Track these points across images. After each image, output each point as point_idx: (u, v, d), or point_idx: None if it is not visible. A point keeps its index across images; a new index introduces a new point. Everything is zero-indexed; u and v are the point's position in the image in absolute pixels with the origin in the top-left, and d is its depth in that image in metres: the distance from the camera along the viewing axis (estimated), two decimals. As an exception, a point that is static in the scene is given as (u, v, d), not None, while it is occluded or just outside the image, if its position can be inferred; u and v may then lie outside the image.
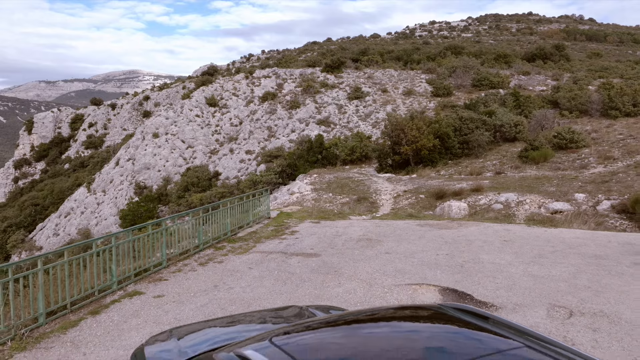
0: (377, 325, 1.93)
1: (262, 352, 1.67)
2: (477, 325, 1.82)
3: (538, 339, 1.72)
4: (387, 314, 2.10)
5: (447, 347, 1.64)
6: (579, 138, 22.41)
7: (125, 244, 7.13)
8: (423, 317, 1.99)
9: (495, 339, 1.67)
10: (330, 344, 1.77)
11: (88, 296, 6.36)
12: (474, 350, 1.59)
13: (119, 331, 5.43)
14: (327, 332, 1.91)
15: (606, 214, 12.99)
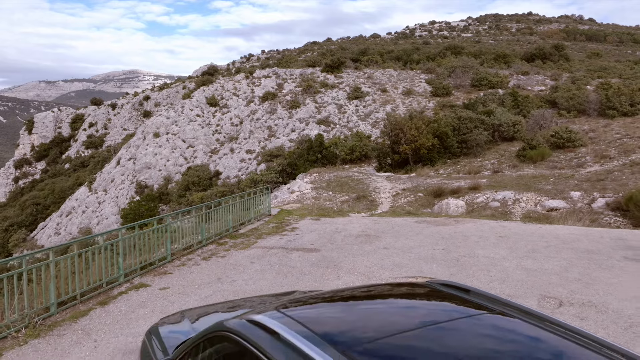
0: (374, 297, 2.21)
1: (270, 316, 1.91)
2: (458, 296, 2.07)
3: (510, 305, 1.96)
4: (383, 290, 2.35)
5: (433, 311, 1.91)
6: (576, 137, 22.64)
7: (131, 239, 7.37)
8: (412, 290, 2.25)
9: (469, 305, 1.92)
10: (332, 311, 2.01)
11: (96, 288, 6.60)
12: (453, 314, 1.84)
13: (127, 320, 5.67)
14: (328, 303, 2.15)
15: (601, 211, 13.23)
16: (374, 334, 1.71)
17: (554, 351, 1.62)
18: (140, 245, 7.50)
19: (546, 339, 1.68)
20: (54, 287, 5.74)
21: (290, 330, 1.72)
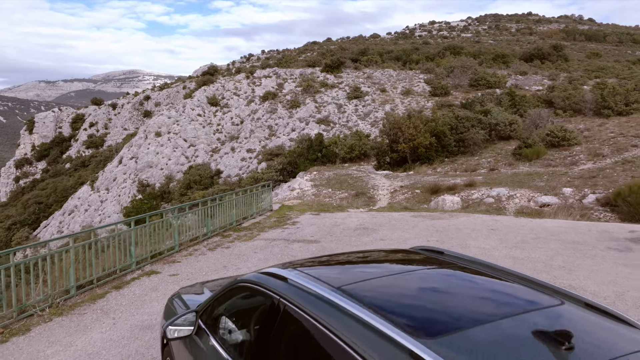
0: (365, 258, 2.71)
1: (278, 269, 2.37)
2: (434, 257, 2.55)
3: (470, 261, 2.43)
4: (373, 253, 2.84)
5: (404, 264, 2.42)
6: (571, 136, 23.10)
7: (142, 229, 7.82)
8: (396, 253, 2.73)
9: (432, 261, 2.42)
10: (327, 266, 2.47)
11: (110, 274, 7.06)
12: (415, 267, 2.36)
13: (141, 302, 6.13)
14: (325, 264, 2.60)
15: (591, 206, 13.68)
16: (357, 278, 2.20)
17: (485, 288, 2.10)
18: (153, 234, 7.95)
19: (486, 282, 2.15)
20: (73, 271, 6.20)
21: (294, 275, 2.19)
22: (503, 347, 1.56)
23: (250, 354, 2.22)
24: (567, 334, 1.50)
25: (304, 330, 1.90)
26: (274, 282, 2.25)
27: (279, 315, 2.08)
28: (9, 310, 5.38)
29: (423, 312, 1.83)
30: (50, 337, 5.05)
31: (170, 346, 3.18)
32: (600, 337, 1.66)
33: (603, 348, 1.57)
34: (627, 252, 8.20)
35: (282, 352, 2.02)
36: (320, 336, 1.79)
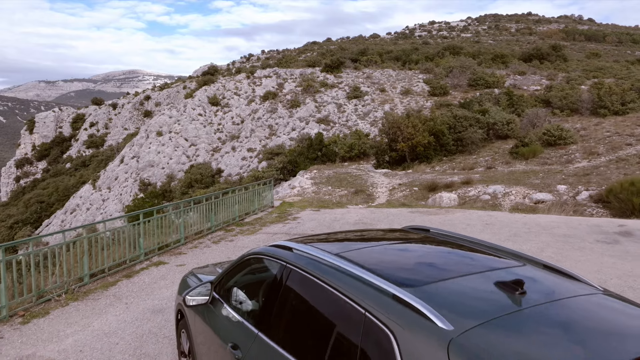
0: (361, 235, 3.07)
1: (285, 242, 2.72)
2: (421, 233, 2.91)
3: (458, 237, 2.79)
4: (370, 232, 3.20)
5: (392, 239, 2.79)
6: (567, 135, 23.44)
7: (150, 222, 8.18)
8: (390, 231, 3.10)
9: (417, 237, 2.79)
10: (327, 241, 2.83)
11: (120, 264, 7.41)
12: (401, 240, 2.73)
13: (151, 289, 6.48)
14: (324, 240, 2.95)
15: (584, 203, 14.04)
16: (352, 248, 2.57)
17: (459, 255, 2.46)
18: (159, 227, 8.30)
19: (462, 251, 2.50)
20: (87, 260, 6.55)
21: (298, 246, 2.55)
22: (467, 292, 1.92)
23: (261, 314, 2.58)
24: (521, 282, 1.85)
25: (308, 288, 2.26)
26: (281, 252, 2.62)
27: (286, 279, 2.44)
28: (29, 295, 5.73)
29: (405, 271, 2.18)
30: (69, 319, 5.40)
31: (186, 318, 3.53)
32: (548, 286, 2.02)
33: (548, 293, 1.93)
34: (614, 244, 8.55)
35: (288, 309, 2.38)
36: (321, 290, 2.14)
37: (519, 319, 1.68)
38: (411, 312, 1.72)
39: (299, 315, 2.32)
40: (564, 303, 1.84)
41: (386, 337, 1.71)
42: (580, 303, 1.86)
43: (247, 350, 2.49)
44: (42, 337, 4.93)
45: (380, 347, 1.72)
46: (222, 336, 2.84)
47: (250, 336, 2.54)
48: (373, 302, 1.86)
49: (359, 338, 1.83)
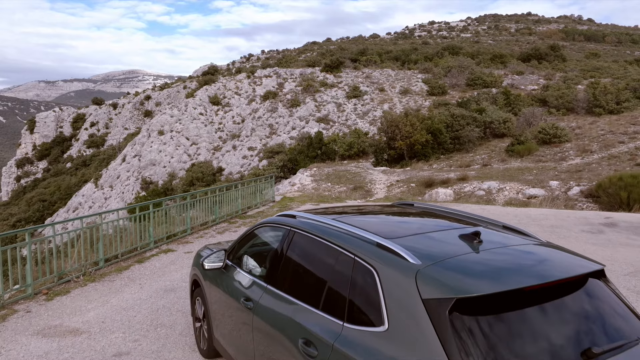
0: (359, 209, 3.55)
1: (291, 212, 3.19)
2: (406, 206, 3.39)
3: (438, 208, 3.26)
4: (366, 207, 3.68)
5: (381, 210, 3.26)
6: (562, 133, 23.92)
7: (159, 212, 8.64)
8: (381, 205, 3.58)
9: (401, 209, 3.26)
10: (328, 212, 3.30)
11: (132, 251, 7.88)
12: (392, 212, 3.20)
13: (162, 272, 6.95)
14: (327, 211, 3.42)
15: (575, 198, 14.52)
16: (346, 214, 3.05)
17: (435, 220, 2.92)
18: (167, 218, 8.77)
19: (437, 218, 2.97)
20: (102, 245, 7.02)
21: (301, 214, 3.03)
22: (435, 241, 2.39)
23: (269, 271, 3.05)
24: (478, 233, 2.33)
25: (309, 245, 2.75)
26: (286, 219, 3.10)
27: (290, 240, 2.91)
28: (51, 275, 6.20)
29: (388, 229, 2.65)
30: (88, 297, 5.87)
31: (202, 285, 4.00)
32: (500, 238, 2.49)
33: (500, 242, 2.41)
34: (598, 234, 9.03)
35: (292, 264, 2.85)
36: (320, 245, 2.62)
37: (471, 258, 2.16)
38: (389, 254, 2.19)
39: (301, 266, 2.80)
40: (507, 248, 2.34)
41: (370, 273, 2.19)
42: (517, 248, 2.37)
43: (258, 301, 2.96)
44: (66, 311, 5.39)
45: (366, 281, 2.20)
46: (235, 294, 3.31)
47: (260, 289, 3.01)
48: (360, 249, 2.34)
49: (350, 276, 2.30)
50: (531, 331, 1.88)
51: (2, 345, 4.49)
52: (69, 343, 4.51)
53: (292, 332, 2.51)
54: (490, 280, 1.96)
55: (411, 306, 1.95)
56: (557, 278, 2.04)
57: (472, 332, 1.82)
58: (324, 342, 2.24)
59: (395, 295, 2.04)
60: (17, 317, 5.23)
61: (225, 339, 3.54)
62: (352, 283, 2.29)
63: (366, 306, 2.17)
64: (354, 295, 2.25)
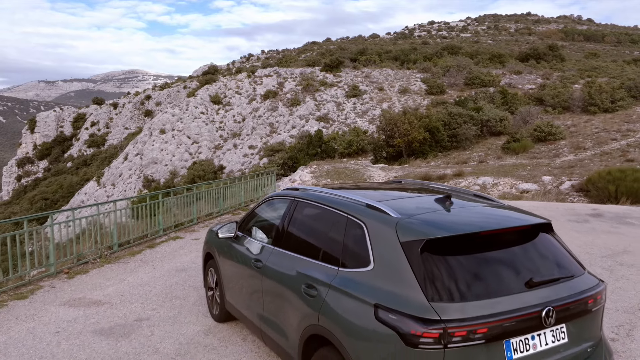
0: (356, 184, 4.05)
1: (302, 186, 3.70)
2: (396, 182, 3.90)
3: (420, 183, 3.76)
4: (364, 184, 4.19)
5: (379, 184, 3.75)
6: (557, 131, 24.43)
7: (168, 202, 9.14)
8: (376, 183, 4.08)
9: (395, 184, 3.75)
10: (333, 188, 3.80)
11: (142, 237, 8.37)
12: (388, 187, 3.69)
13: (172, 255, 7.44)
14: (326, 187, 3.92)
15: (567, 192, 15.01)
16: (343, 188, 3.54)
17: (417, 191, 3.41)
18: (175, 208, 9.27)
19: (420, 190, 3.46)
20: (116, 231, 7.52)
21: (303, 187, 3.53)
22: (414, 203, 2.89)
23: (276, 236, 3.54)
24: (449, 195, 2.83)
25: (310, 210, 3.26)
26: (291, 192, 3.61)
27: (294, 208, 3.42)
28: (71, 256, 6.70)
29: (376, 196, 3.15)
30: (106, 275, 6.36)
31: (215, 257, 4.50)
32: (469, 201, 3.00)
33: (467, 204, 2.92)
34: (583, 223, 9.52)
35: (296, 227, 3.35)
36: (319, 209, 3.13)
37: (442, 214, 2.67)
38: (375, 212, 2.70)
39: (303, 228, 3.30)
40: (472, 208, 2.87)
41: (360, 227, 2.69)
42: (481, 208, 2.89)
43: (266, 260, 3.46)
44: (87, 287, 5.89)
45: (356, 233, 2.71)
46: (246, 258, 3.80)
47: (268, 251, 3.51)
48: (352, 209, 2.84)
49: (343, 231, 2.81)
50: (488, 265, 2.39)
51: (35, 313, 4.99)
52: (94, 311, 5.00)
53: (296, 280, 3.01)
54: (453, 227, 2.47)
55: (392, 248, 2.44)
56: (507, 226, 2.55)
57: (438, 266, 2.31)
58: (323, 283, 2.74)
59: (380, 241, 2.54)
60: (43, 291, 5.72)
61: (236, 299, 4.04)
62: (345, 236, 2.79)
63: (356, 253, 2.67)
64: (347, 245, 2.76)
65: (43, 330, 4.51)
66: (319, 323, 2.68)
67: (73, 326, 4.60)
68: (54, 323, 4.69)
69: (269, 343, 3.50)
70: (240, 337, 4.28)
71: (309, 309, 2.80)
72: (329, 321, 2.61)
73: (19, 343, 4.24)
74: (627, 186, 12.82)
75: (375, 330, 2.31)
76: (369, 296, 2.42)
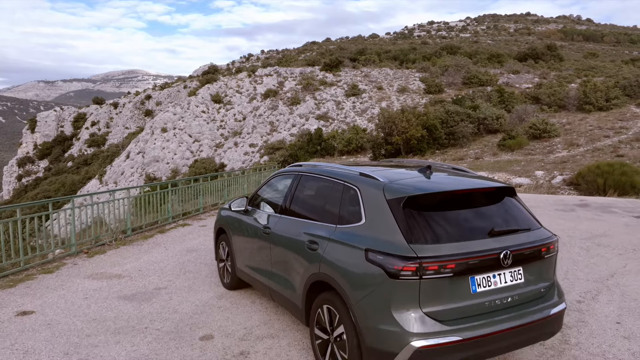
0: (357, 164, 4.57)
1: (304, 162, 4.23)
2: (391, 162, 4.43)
3: (412, 160, 4.28)
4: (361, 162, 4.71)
5: (381, 162, 4.28)
6: (551, 129, 24.95)
7: (177, 191, 9.66)
8: (382, 161, 4.62)
9: (389, 160, 4.26)
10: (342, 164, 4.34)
11: (153, 224, 8.90)
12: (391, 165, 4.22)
13: (182, 239, 7.97)
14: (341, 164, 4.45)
15: (558, 186, 15.54)
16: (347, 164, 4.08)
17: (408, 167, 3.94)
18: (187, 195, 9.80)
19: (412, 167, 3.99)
20: (129, 216, 8.04)
21: (307, 162, 4.06)
22: (400, 172, 3.42)
23: (282, 206, 4.07)
24: (430, 166, 3.36)
25: (312, 181, 3.79)
26: (295, 168, 4.16)
27: (298, 181, 3.95)
28: (89, 238, 7.23)
29: (369, 169, 3.68)
30: (123, 255, 6.89)
31: (227, 231, 5.02)
32: (447, 171, 3.53)
33: (445, 173, 3.45)
34: (569, 212, 10.05)
35: (300, 197, 3.88)
36: (319, 179, 3.67)
37: (421, 179, 3.21)
38: (367, 178, 3.23)
39: (306, 197, 3.84)
40: (449, 175, 3.42)
41: (354, 190, 3.23)
42: (457, 175, 3.45)
43: (274, 227, 3.99)
44: (106, 264, 6.41)
45: (351, 196, 3.25)
46: (255, 228, 4.33)
47: (275, 219, 4.05)
48: (348, 178, 3.38)
49: (340, 196, 3.34)
50: (458, 218, 2.93)
51: (62, 284, 5.51)
52: (116, 282, 5.53)
53: (300, 239, 3.54)
54: (429, 187, 3.01)
55: (380, 206, 2.97)
56: (475, 187, 3.09)
57: (416, 217, 2.85)
58: (323, 238, 3.28)
59: (370, 201, 3.07)
60: (67, 267, 6.25)
61: (246, 264, 4.57)
62: (341, 200, 3.32)
63: (351, 212, 3.21)
64: (343, 207, 3.29)
65: (73, 296, 5.03)
66: (320, 271, 3.21)
67: (99, 293, 5.13)
68: (81, 291, 5.22)
69: (276, 298, 4.03)
70: (249, 300, 4.81)
71: (311, 261, 3.33)
72: (328, 267, 3.14)
73: (54, 305, 4.76)
74: (614, 179, 13.35)
75: (366, 269, 2.84)
76: (360, 243, 2.95)
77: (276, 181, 4.50)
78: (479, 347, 2.73)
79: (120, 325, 4.22)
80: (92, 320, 4.33)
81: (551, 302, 3.06)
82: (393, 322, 2.67)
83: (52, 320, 4.37)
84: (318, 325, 3.31)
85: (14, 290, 5.30)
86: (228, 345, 3.76)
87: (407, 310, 2.66)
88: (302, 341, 3.82)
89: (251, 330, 4.07)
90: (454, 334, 2.65)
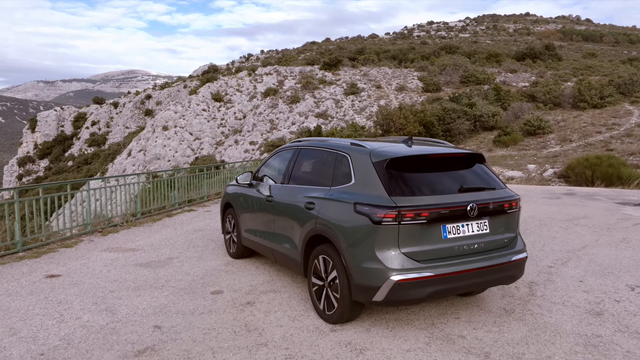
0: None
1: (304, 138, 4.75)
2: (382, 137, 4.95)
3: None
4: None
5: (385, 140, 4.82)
6: (546, 125, 25.50)
7: (182, 179, 10.19)
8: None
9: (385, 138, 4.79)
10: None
11: (160, 209, 9.42)
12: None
13: (189, 222, 8.49)
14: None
15: (550, 178, 16.07)
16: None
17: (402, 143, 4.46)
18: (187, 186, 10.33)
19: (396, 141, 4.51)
20: (139, 200, 8.56)
21: (306, 138, 4.59)
22: (386, 143, 3.94)
23: (283, 177, 4.59)
24: (412, 137, 3.89)
25: (310, 153, 4.33)
26: (295, 143, 4.68)
27: (297, 155, 4.48)
28: (103, 219, 7.75)
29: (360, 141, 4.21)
30: (135, 234, 7.41)
31: (234, 205, 5.54)
32: (427, 142, 4.06)
33: (426, 144, 3.98)
34: (556, 199, 10.58)
35: (300, 168, 4.41)
36: (316, 151, 4.20)
37: (402, 147, 3.73)
38: (357, 147, 3.76)
39: (305, 166, 4.37)
40: (428, 145, 3.92)
41: (346, 157, 3.76)
42: (435, 145, 3.95)
43: (276, 195, 4.52)
44: (120, 241, 6.93)
45: (342, 162, 3.78)
46: (259, 198, 4.86)
47: (278, 188, 4.57)
48: (340, 147, 3.91)
49: (334, 162, 3.87)
50: (432, 177, 3.46)
51: (82, 255, 6.04)
52: (131, 254, 6.05)
53: (299, 202, 4.07)
54: (408, 152, 3.53)
55: (366, 168, 3.50)
56: (447, 152, 3.61)
57: (397, 176, 3.37)
58: (319, 198, 3.81)
59: (359, 164, 3.60)
60: (84, 243, 6.77)
61: (250, 231, 5.10)
62: (335, 166, 3.85)
63: (342, 175, 3.74)
64: (336, 171, 3.82)
65: (94, 265, 5.55)
66: (317, 226, 3.74)
67: (117, 262, 5.65)
68: (100, 261, 5.74)
69: (278, 257, 4.56)
70: (254, 266, 5.34)
71: (309, 219, 3.85)
72: (324, 221, 3.67)
73: (77, 271, 5.28)
74: (602, 171, 13.88)
75: (355, 219, 3.37)
76: (350, 199, 3.48)
77: (278, 156, 5.02)
78: (448, 282, 3.26)
79: (139, 284, 4.74)
80: (114, 281, 4.86)
81: (513, 251, 3.60)
82: (377, 261, 3.19)
83: (78, 280, 4.89)
84: (315, 275, 3.83)
85: (39, 260, 5.83)
86: (236, 297, 4.28)
87: (388, 250, 3.19)
88: (300, 294, 4.35)
89: (256, 287, 4.60)
90: (427, 270, 3.18)
